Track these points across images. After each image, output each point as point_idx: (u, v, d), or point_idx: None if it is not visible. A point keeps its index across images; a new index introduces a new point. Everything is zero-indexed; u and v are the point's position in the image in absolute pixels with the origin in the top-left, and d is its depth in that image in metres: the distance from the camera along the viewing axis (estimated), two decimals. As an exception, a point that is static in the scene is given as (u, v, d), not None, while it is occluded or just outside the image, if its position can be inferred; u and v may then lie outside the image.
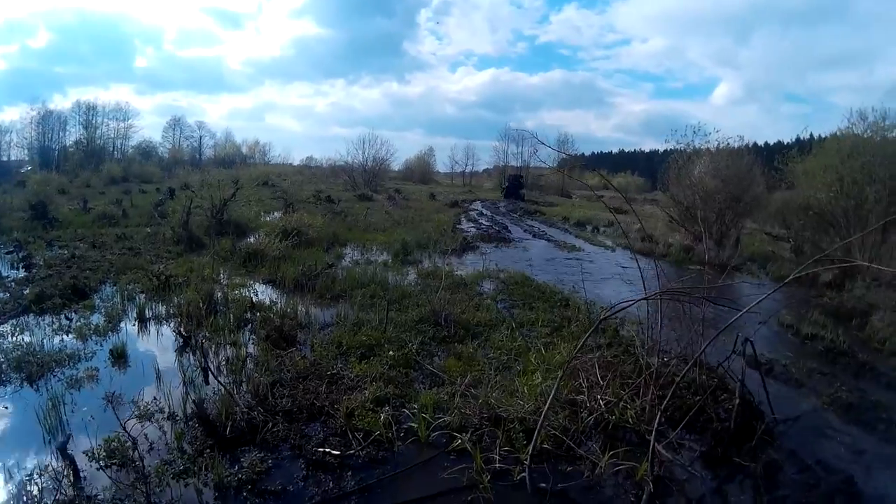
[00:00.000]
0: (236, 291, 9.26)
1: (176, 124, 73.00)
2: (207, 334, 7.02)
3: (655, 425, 4.54)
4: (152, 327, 7.65)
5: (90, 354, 6.45)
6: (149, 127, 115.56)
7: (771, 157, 20.24)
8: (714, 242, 17.95)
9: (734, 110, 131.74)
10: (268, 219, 20.14)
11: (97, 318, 7.79)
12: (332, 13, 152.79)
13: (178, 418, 4.85)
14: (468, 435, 4.58)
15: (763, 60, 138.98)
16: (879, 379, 7.12)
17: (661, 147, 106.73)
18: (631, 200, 44.62)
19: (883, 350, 8.53)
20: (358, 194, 34.29)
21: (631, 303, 5.38)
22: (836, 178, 14.58)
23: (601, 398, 5.25)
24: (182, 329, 7.06)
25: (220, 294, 8.64)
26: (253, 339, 6.93)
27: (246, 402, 4.95)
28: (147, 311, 8.04)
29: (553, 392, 4.64)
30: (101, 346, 6.77)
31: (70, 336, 7.08)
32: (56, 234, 15.15)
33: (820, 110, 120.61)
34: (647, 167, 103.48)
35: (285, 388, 5.31)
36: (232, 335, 6.97)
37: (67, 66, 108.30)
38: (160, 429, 4.72)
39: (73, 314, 7.99)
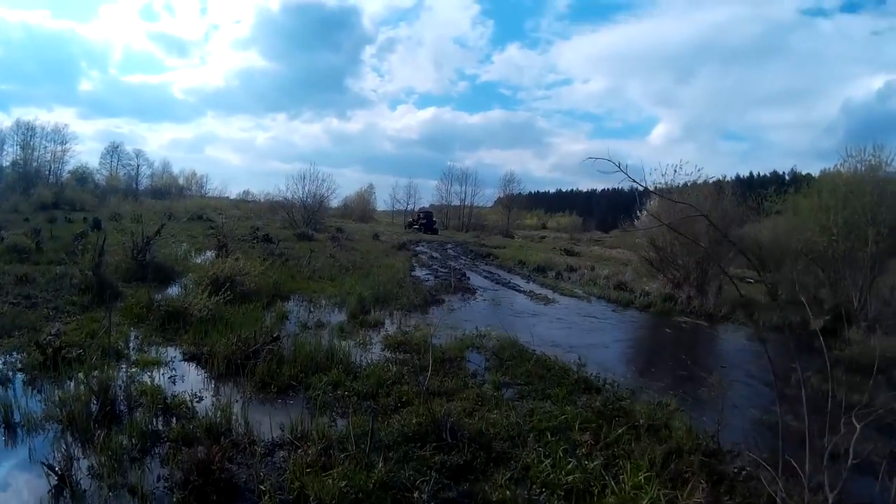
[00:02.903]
0: (147, 375, 6.74)
1: (114, 151, 71.67)
2: (95, 465, 4.53)
3: None
4: (23, 440, 5.05)
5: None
6: (89, 153, 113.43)
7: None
8: (695, 289, 16.48)
9: (672, 149, 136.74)
10: (199, 260, 17.40)
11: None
12: (278, 46, 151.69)
13: None
14: None
15: (703, 99, 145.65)
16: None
17: (598, 187, 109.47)
18: (577, 241, 44.05)
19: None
20: (298, 233, 31.62)
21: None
22: (833, 221, 13.45)
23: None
24: (59, 460, 4.49)
25: (122, 381, 6.14)
26: (164, 479, 4.45)
27: None
28: (17, 411, 5.40)
29: None
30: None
31: None
32: (-43, 271, 11.97)
33: (758, 147, 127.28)
34: (586, 207, 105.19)
35: None
36: (133, 466, 4.54)
37: (12, 83, 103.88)
38: None
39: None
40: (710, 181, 17.57)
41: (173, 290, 12.01)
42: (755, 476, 5.10)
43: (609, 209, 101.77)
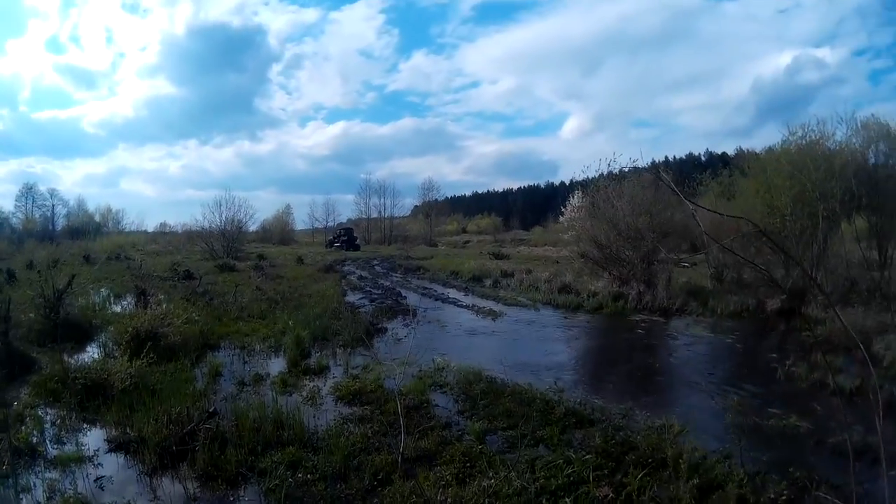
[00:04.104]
0: (69, 478, 5.35)
1: (28, 192, 68.27)
2: None
3: None
4: None
5: None
6: (3, 196, 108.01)
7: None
8: (644, 284, 16.10)
9: (584, 142, 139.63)
10: (118, 308, 15.69)
11: None
12: (185, 70, 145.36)
13: None
14: None
15: (611, 90, 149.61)
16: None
17: (513, 185, 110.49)
18: (502, 244, 44.02)
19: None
20: (219, 264, 29.66)
21: None
22: (785, 203, 13.32)
23: None
24: None
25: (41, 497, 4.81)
26: None
27: None
28: None
29: None
30: None
31: None
32: None
33: (668, 132, 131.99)
34: (503, 206, 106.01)
35: None
36: None
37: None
38: None
39: None
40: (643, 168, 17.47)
41: (92, 351, 10.62)
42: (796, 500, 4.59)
43: (527, 206, 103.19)
